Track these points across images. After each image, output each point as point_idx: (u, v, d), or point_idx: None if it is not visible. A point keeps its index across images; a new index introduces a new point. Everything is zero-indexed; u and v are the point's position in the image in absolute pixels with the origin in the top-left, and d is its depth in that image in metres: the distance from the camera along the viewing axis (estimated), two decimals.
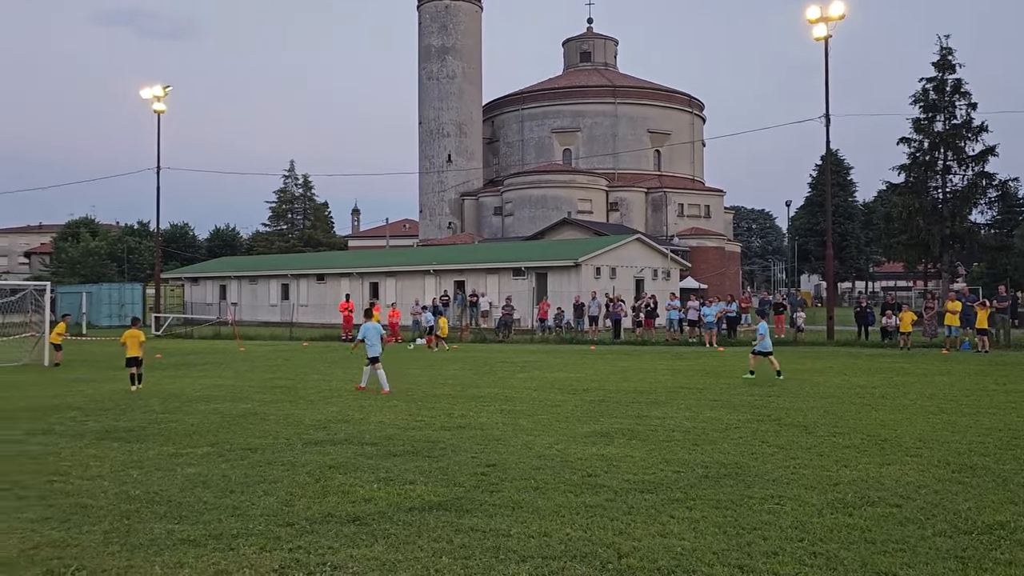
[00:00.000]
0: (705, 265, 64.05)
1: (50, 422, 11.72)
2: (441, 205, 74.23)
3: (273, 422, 11.59)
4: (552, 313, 34.21)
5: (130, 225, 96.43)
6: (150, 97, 41.82)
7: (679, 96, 77.78)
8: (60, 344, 22.75)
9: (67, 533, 6.21)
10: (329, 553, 5.70)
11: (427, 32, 73.96)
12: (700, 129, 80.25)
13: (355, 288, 44.33)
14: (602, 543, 5.88)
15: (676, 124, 76.18)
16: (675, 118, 76.46)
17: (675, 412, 12.30)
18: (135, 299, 53.20)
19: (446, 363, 21.82)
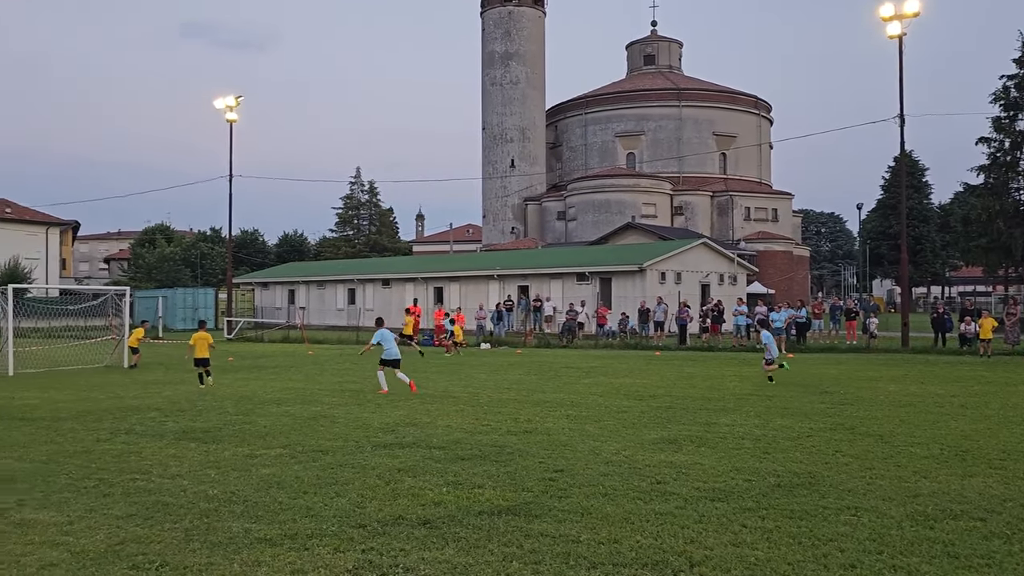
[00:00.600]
0: (772, 270, 62.89)
1: (131, 422, 12.14)
2: (504, 210, 74.54)
3: (343, 425, 11.79)
4: (616, 318, 34.01)
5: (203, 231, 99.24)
6: (223, 107, 43.03)
7: (745, 98, 76.62)
8: (137, 348, 23.54)
9: (150, 530, 6.42)
10: (401, 555, 5.77)
11: (490, 38, 74.44)
12: (767, 131, 78.91)
13: (420, 293, 44.79)
14: (673, 551, 5.83)
15: (742, 126, 75.06)
16: (741, 120, 75.35)
17: (744, 419, 12.10)
18: (208, 303, 54.75)
19: (510, 368, 21.88)
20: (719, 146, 73.44)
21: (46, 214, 65.94)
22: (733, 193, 69.37)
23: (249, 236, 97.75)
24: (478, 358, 26.03)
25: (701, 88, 76.06)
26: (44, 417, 12.78)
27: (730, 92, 76.53)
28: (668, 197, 69.26)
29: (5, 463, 9.11)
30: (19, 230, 62.40)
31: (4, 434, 11.14)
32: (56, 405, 14.28)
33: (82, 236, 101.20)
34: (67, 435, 11.02)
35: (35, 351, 24.20)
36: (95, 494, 7.63)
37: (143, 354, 24.24)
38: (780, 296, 51.22)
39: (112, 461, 9.19)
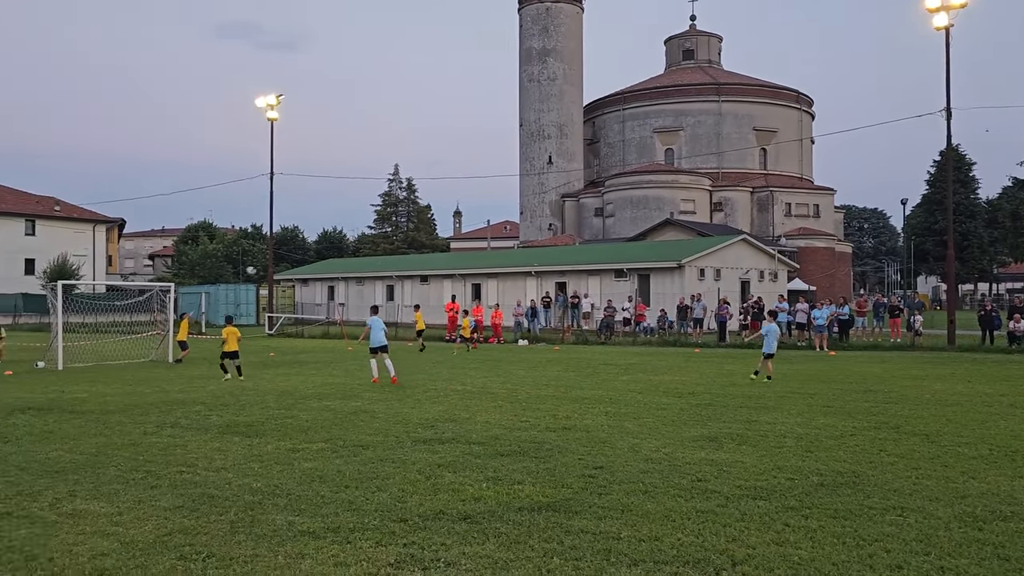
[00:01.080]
0: (814, 266, 62.05)
1: (176, 416, 12.37)
2: (542, 207, 74.49)
3: (383, 420, 11.88)
4: (655, 315, 33.82)
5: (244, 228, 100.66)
6: (264, 106, 43.54)
7: (786, 92, 75.64)
8: (186, 343, 23.94)
9: (196, 521, 6.54)
10: (442, 549, 5.81)
11: (528, 34, 74.38)
12: (808, 126, 77.83)
13: (458, 289, 44.96)
14: (715, 549, 5.79)
15: (783, 121, 74.12)
16: (782, 115, 74.40)
17: (785, 418, 11.96)
18: (249, 299, 55.52)
19: (548, 365, 21.87)
20: (759, 141, 72.61)
21: (93, 212, 67.39)
22: (774, 189, 68.56)
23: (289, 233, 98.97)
24: (516, 354, 26.05)
25: (741, 83, 75.23)
26: (93, 410, 13.07)
27: (771, 86, 75.60)
28: (707, 193, 68.66)
29: (57, 454, 9.34)
30: (67, 227, 63.89)
31: (55, 426, 11.42)
32: (104, 399, 14.60)
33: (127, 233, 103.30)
34: (115, 428, 11.26)
35: (83, 346, 24.77)
36: (143, 486, 7.79)
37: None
38: (821, 293, 50.51)
39: (159, 454, 9.37)
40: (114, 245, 78.36)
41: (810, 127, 78.36)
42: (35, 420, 12.02)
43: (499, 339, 33.10)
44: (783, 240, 63.35)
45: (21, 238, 61.27)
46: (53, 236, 62.03)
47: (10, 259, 60.12)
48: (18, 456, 9.26)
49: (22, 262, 60.64)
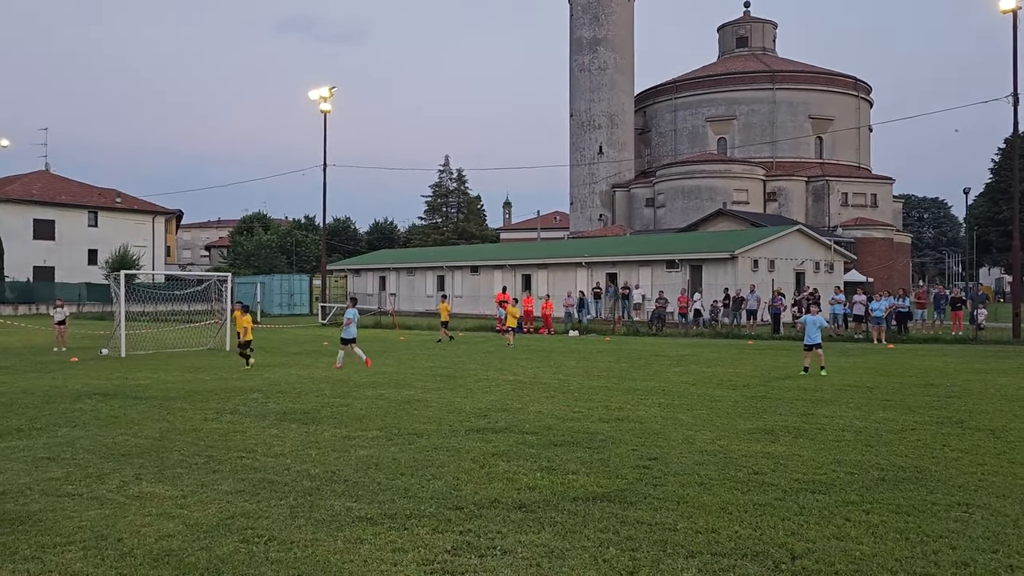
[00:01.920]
0: (871, 257, 60.67)
1: (235, 403, 12.64)
2: (592, 197, 74.13)
3: (436, 409, 11.98)
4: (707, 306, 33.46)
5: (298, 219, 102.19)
6: (317, 98, 44.07)
7: (843, 79, 73.92)
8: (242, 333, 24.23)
9: (257, 505, 6.68)
10: (498, 537, 5.84)
11: (578, 24, 73.93)
12: (866, 113, 75.97)
13: (508, 280, 45.04)
14: (774, 543, 5.72)
15: (840, 109, 72.46)
16: (839, 102, 72.73)
17: (843, 411, 11.74)
18: (303, 289, 56.37)
19: (599, 356, 21.80)
20: (815, 130, 71.13)
21: (152, 204, 69.06)
22: (830, 178, 67.13)
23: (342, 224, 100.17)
24: (566, 345, 26.01)
25: (796, 70, 73.72)
26: (155, 396, 13.43)
27: (827, 73, 73.97)
28: (761, 183, 67.54)
29: (122, 439, 9.62)
30: (128, 219, 65.60)
31: (120, 411, 11.76)
32: (166, 385, 14.99)
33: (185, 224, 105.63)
34: (177, 414, 11.55)
35: (144, 334, 25.43)
36: (205, 470, 7.98)
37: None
38: (879, 285, 49.39)
39: (219, 439, 9.59)
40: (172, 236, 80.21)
41: (868, 115, 76.49)
42: (101, 405, 12.39)
43: (550, 330, 33.09)
44: (839, 231, 62.05)
45: (84, 229, 63.07)
46: (115, 227, 63.76)
47: (74, 250, 61.96)
48: (86, 440, 9.56)
49: (85, 252, 62.43)
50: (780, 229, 42.02)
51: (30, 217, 60.04)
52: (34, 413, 11.61)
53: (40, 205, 60.84)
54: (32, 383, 15.32)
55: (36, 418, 11.17)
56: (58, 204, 61.84)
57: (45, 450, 8.98)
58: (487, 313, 41.38)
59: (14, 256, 56.34)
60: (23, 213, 59.51)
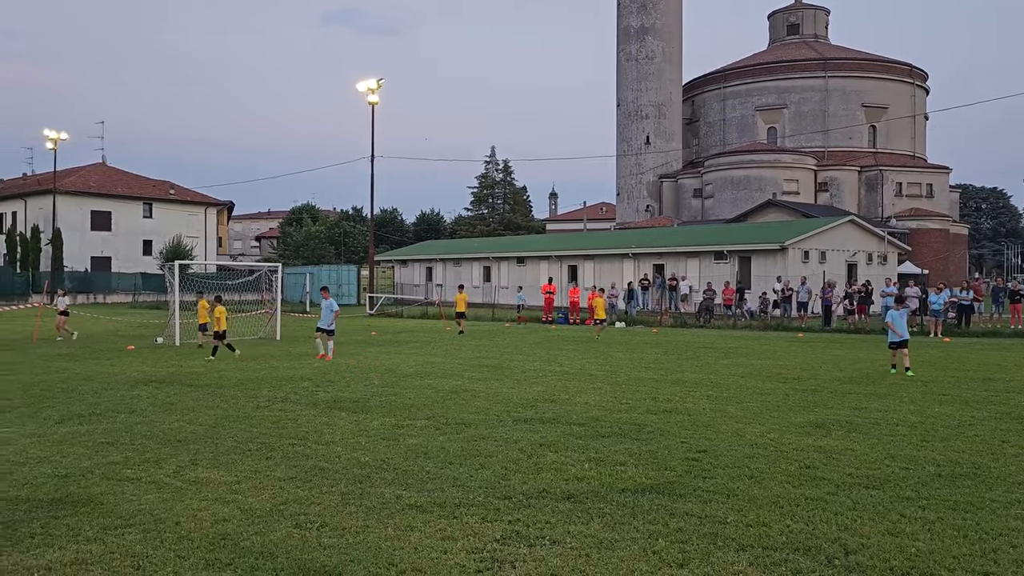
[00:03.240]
0: (926, 249, 59.29)
1: (286, 391, 12.85)
2: (639, 188, 73.58)
3: (483, 399, 12.04)
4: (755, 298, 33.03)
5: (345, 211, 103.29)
6: (365, 90, 44.43)
7: (898, 66, 72.13)
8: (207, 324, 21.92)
9: (309, 492, 6.79)
10: (547, 527, 5.85)
11: (626, 12, 73.29)
12: (922, 101, 74.09)
13: (554, 271, 44.99)
14: (826, 537, 5.64)
15: (894, 97, 70.76)
16: (893, 90, 71.03)
17: (898, 405, 11.51)
18: (351, 280, 56.99)
19: (646, 347, 21.67)
20: (868, 118, 69.59)
21: (204, 195, 70.40)
22: (883, 168, 65.66)
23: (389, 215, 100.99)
24: (613, 336, 25.90)
25: (849, 57, 72.14)
26: (209, 384, 13.71)
27: (881, 60, 72.26)
28: (812, 173, 66.35)
29: (178, 425, 9.85)
30: (182, 210, 66.98)
31: (175, 398, 12.05)
32: (219, 373, 15.29)
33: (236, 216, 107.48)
34: (230, 401, 11.79)
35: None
36: (258, 456, 8.13)
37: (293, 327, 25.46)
38: (935, 277, 48.24)
39: (271, 427, 9.76)
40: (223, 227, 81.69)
41: (924, 103, 74.60)
42: (157, 392, 12.70)
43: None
44: (893, 221, 60.71)
45: (140, 220, 64.59)
46: (169, 218, 65.17)
47: (130, 240, 63.51)
48: (143, 426, 9.81)
49: (140, 243, 63.96)
50: (832, 220, 41.26)
51: (88, 209, 61.66)
52: (94, 399, 11.95)
53: (97, 197, 62.43)
54: (91, 370, 15.76)
55: (96, 404, 11.49)
56: (114, 196, 63.41)
57: (104, 435, 9.23)
58: (534, 304, 41.37)
59: (73, 247, 57.97)
60: (81, 205, 61.13)
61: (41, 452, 8.34)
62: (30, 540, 5.57)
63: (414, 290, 53.79)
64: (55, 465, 7.76)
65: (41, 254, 56.84)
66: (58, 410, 10.96)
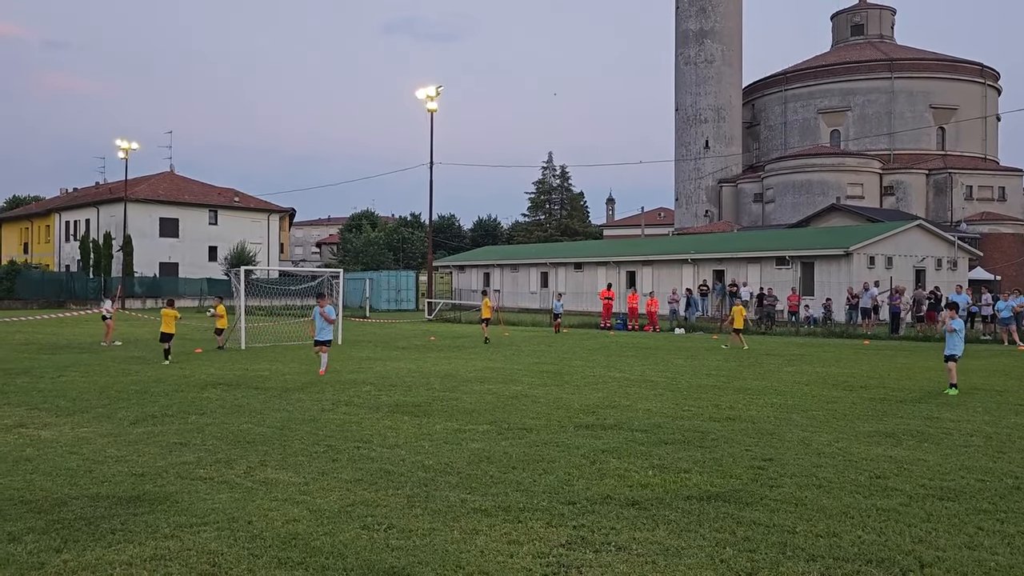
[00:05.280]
0: (999, 254, 57.29)
1: (350, 395, 13.05)
2: (697, 193, 72.83)
3: (544, 404, 12.05)
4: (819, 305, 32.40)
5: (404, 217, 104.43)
6: (424, 97, 44.90)
7: (968, 66, 70.07)
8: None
9: (376, 494, 6.89)
10: (612, 533, 5.84)
11: (684, 16, 72.71)
12: (994, 102, 71.85)
13: (612, 277, 44.79)
14: (900, 550, 5.50)
15: (964, 97, 68.74)
16: (963, 91, 69.01)
17: (971, 415, 11.17)
18: (409, 286, 57.60)
19: (707, 354, 21.43)
20: (936, 120, 67.74)
21: (267, 202, 71.97)
22: (952, 171, 63.81)
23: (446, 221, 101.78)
24: (673, 342, 25.67)
25: (916, 57, 70.37)
26: (274, 387, 14.01)
27: (950, 60, 70.28)
28: (877, 176, 64.82)
29: (247, 427, 10.09)
30: (245, 217, 68.60)
31: (243, 401, 12.34)
32: (284, 377, 15.61)
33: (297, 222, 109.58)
34: (296, 404, 12.03)
35: (261, 327, 26.52)
36: (325, 459, 8.28)
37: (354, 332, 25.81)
38: (1008, 283, 46.61)
39: (336, 430, 9.93)
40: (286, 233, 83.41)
41: (995, 103, 72.32)
42: (225, 395, 13.03)
43: (655, 327, 32.73)
44: (963, 226, 58.92)
45: (205, 227, 66.32)
46: (233, 225, 66.79)
47: (196, 247, 65.26)
48: (214, 427, 10.07)
49: (206, 249, 65.67)
50: (898, 224, 40.24)
51: (157, 216, 63.57)
52: (166, 401, 12.31)
53: (165, 204, 64.32)
54: (162, 373, 16.24)
55: (168, 406, 11.84)
56: (182, 203, 65.24)
57: (177, 436, 9.51)
58: (592, 310, 41.24)
59: (142, 253, 59.80)
60: (150, 212, 63.06)
61: (118, 451, 8.63)
62: (111, 536, 5.77)
63: (472, 295, 54.06)
64: (131, 464, 8.03)
65: (113, 260, 58.76)
66: (132, 411, 11.32)
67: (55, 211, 72.91)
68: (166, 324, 19.03)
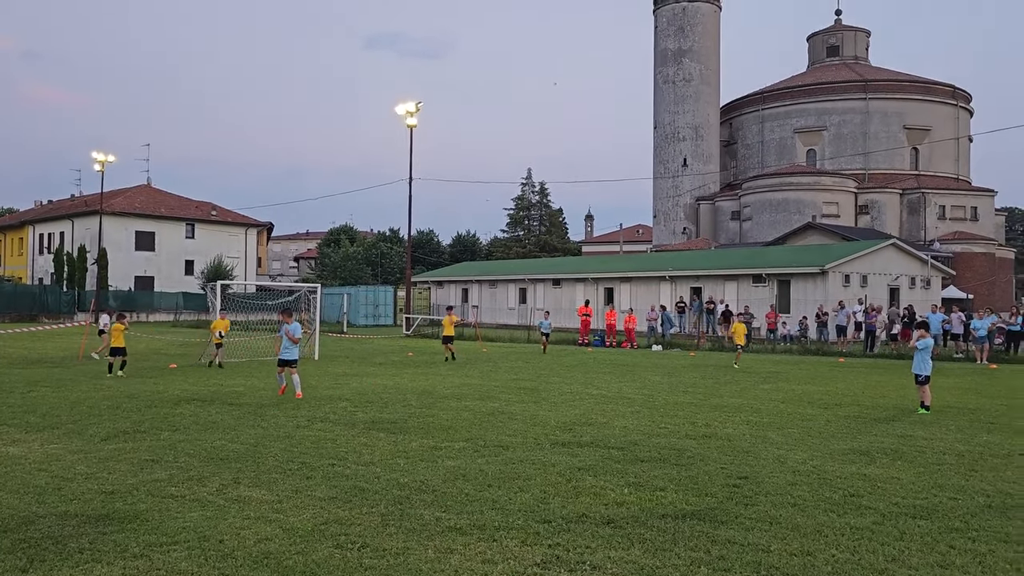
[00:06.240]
0: (971, 273, 58.12)
1: (325, 411, 12.95)
2: (676, 210, 73.29)
3: (520, 421, 12.02)
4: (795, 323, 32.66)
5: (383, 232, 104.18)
6: (403, 113, 44.90)
7: (940, 88, 71.21)
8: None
9: (350, 512, 6.83)
10: (587, 552, 5.82)
11: (663, 35, 73.42)
12: (966, 123, 72.98)
13: (590, 293, 44.90)
14: (873, 568, 5.53)
15: (937, 118, 69.80)
16: (936, 112, 70.08)
17: (944, 433, 11.28)
18: (387, 301, 57.39)
19: (684, 371, 21.50)
20: (910, 140, 68.73)
21: (245, 216, 71.49)
22: (926, 191, 64.69)
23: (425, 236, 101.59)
24: (650, 359, 25.75)
25: (890, 79, 71.41)
26: (249, 403, 13.87)
27: (923, 82, 71.40)
28: (852, 195, 65.58)
29: (220, 443, 9.97)
30: (222, 231, 68.08)
31: (217, 417, 12.20)
32: (259, 392, 15.46)
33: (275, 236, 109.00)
34: (270, 420, 11.91)
35: (238, 342, 26.27)
36: (299, 476, 8.20)
37: (332, 347, 25.62)
38: (980, 302, 47.23)
39: (311, 447, 9.84)
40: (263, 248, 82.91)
41: (968, 124, 73.48)
42: (199, 411, 12.88)
43: (632, 344, 32.82)
44: (937, 245, 59.65)
45: (182, 241, 65.76)
46: (210, 239, 66.28)
47: (172, 260, 64.68)
48: (186, 444, 9.95)
49: (183, 263, 65.10)
50: (873, 243, 40.72)
51: (133, 229, 62.97)
52: (138, 417, 12.15)
53: (142, 218, 63.74)
54: (135, 388, 16.03)
55: (140, 422, 11.68)
56: (158, 216, 64.67)
57: (149, 452, 9.38)
58: (570, 326, 41.27)
59: (118, 266, 59.15)
60: (126, 225, 62.46)
61: (88, 468, 8.50)
62: (79, 555, 5.67)
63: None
64: (101, 481, 7.90)
65: (87, 273, 58.08)
66: (104, 427, 11.16)
67: (29, 223, 72.03)
68: (116, 338, 18.91)
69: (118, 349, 18.89)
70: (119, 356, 18.92)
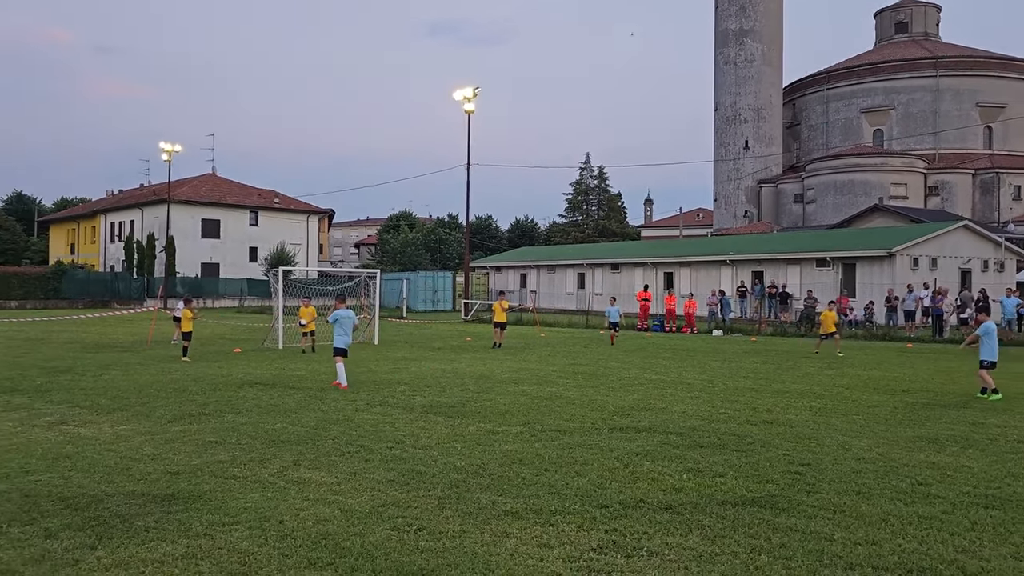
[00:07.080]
0: None
1: (384, 395, 13.09)
2: (736, 193, 72.07)
3: (578, 406, 11.97)
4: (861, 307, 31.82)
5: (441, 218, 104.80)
6: (461, 99, 44.99)
7: (1016, 63, 68.42)
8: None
9: (407, 495, 6.88)
10: (644, 538, 5.75)
11: (724, 16, 72.02)
12: None
13: (649, 278, 44.45)
14: (942, 559, 5.34)
15: (1013, 95, 67.13)
16: (1011, 88, 67.40)
17: (1018, 421, 10.86)
18: (446, 286, 57.71)
19: (745, 356, 21.15)
20: (983, 118, 66.24)
21: (307, 203, 72.63)
22: (1000, 170, 62.33)
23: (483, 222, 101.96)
24: (710, 344, 25.39)
25: (962, 55, 68.88)
26: (310, 387, 14.10)
27: (998, 57, 68.68)
28: (921, 176, 63.55)
29: (281, 426, 10.15)
30: (285, 218, 69.30)
31: (279, 400, 12.43)
32: (319, 376, 15.70)
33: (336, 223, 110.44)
34: (330, 404, 12.08)
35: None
36: (358, 459, 8.30)
37: (390, 332, 25.87)
38: None
39: (370, 430, 9.95)
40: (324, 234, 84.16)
41: None
42: (261, 394, 13.14)
43: (693, 329, 32.42)
44: (1011, 226, 57.48)
45: (246, 228, 67.15)
46: (273, 226, 67.53)
47: (237, 247, 66.11)
48: (249, 426, 10.15)
49: (247, 250, 66.48)
50: (943, 225, 39.36)
51: (199, 217, 64.51)
52: (203, 400, 12.46)
53: (207, 206, 65.24)
54: (201, 372, 16.44)
55: (205, 404, 11.97)
56: (223, 204, 66.12)
57: (213, 434, 9.60)
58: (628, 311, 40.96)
59: (185, 253, 60.73)
60: (193, 213, 64.01)
61: (154, 449, 8.74)
62: (144, 534, 5.82)
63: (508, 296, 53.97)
64: (167, 462, 8.12)
65: (156, 260, 59.78)
66: (170, 409, 11.47)
67: (101, 212, 74.38)
68: (185, 324, 19.99)
69: (187, 334, 19.70)
70: (187, 341, 19.68)
